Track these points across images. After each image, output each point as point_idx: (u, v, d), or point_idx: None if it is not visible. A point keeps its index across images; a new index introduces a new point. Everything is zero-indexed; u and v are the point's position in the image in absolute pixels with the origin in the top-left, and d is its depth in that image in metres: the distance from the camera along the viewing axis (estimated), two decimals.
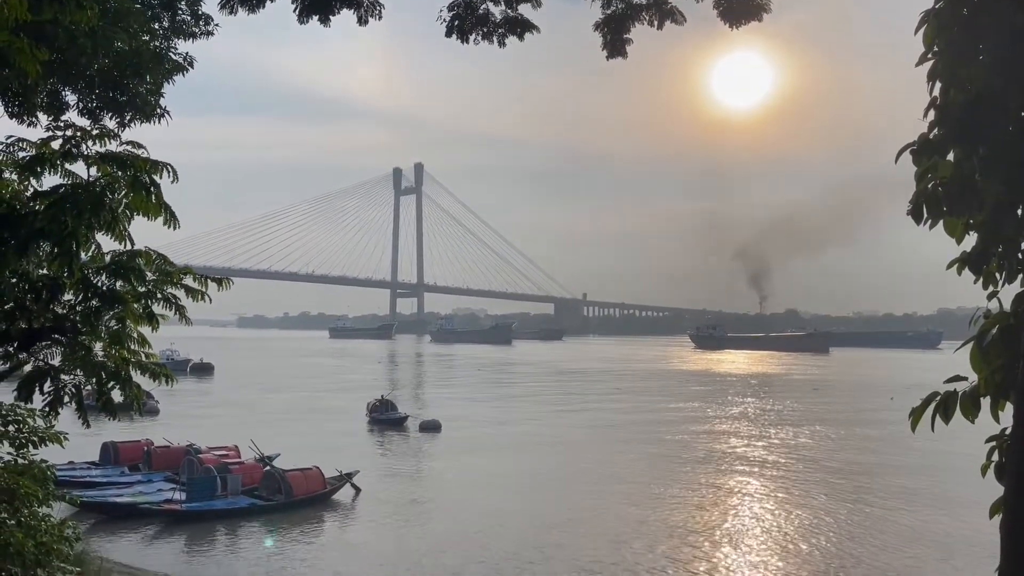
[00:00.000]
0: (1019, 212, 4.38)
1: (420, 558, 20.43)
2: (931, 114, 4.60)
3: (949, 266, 4.72)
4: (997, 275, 4.60)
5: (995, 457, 4.59)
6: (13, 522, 8.08)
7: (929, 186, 4.62)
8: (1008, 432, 4.26)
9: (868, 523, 24.25)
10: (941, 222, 4.70)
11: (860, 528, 23.65)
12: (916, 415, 4.63)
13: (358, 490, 27.64)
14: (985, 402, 4.53)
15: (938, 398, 4.56)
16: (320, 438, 39.56)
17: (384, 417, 47.16)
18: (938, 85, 4.55)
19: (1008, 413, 4.27)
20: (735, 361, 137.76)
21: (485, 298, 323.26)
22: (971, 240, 4.67)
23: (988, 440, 4.63)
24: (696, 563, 20.34)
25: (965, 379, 4.55)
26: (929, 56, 4.58)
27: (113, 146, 6.39)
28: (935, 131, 4.61)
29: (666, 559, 20.55)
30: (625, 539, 22.22)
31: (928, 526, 24.07)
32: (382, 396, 50.39)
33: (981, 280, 4.64)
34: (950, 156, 4.60)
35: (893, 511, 25.84)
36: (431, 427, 44.35)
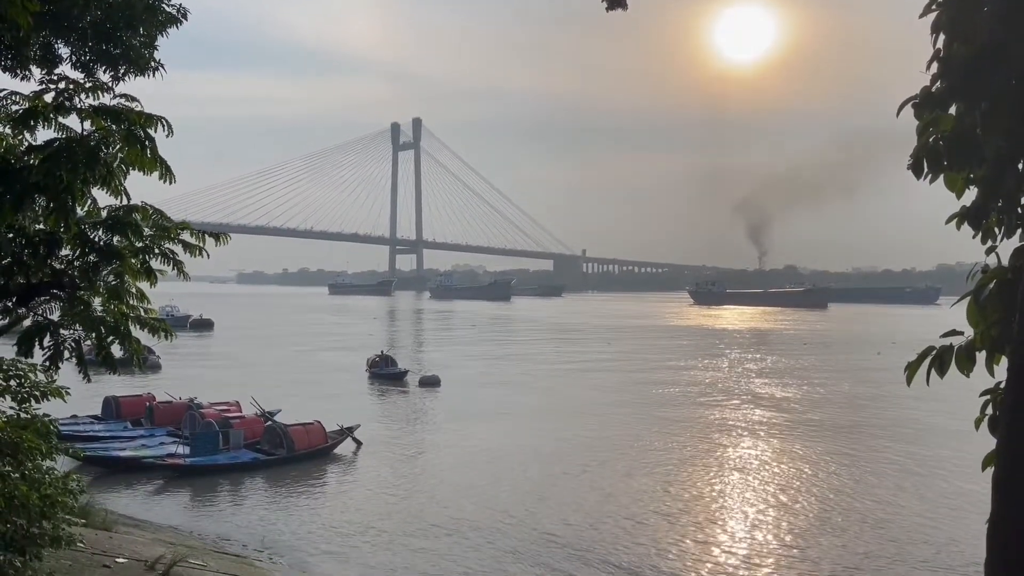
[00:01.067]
0: (1020, 167, 4.36)
1: (421, 509, 20.72)
2: (934, 67, 4.56)
3: (948, 221, 4.71)
4: (996, 230, 4.60)
5: (989, 411, 4.64)
6: (17, 475, 8.16)
7: (930, 140, 4.59)
8: (1002, 386, 4.29)
9: (846, 473, 24.59)
10: (941, 177, 4.69)
11: (840, 479, 23.98)
12: (912, 369, 4.66)
13: (359, 444, 27.95)
14: (981, 357, 4.57)
15: (934, 352, 4.59)
16: (320, 393, 39.86)
17: (384, 372, 47.47)
18: (942, 38, 4.50)
19: (1003, 368, 4.30)
20: (732, 317, 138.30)
21: (484, 255, 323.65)
22: (971, 195, 4.66)
23: (982, 394, 4.68)
24: (681, 515, 20.65)
25: (961, 334, 4.57)
26: (933, 8, 4.52)
27: (107, 99, 6.33)
28: (938, 84, 4.56)
29: (655, 513, 20.85)
30: (615, 492, 22.51)
31: (906, 480, 24.36)
32: (382, 351, 50.66)
33: (980, 235, 4.63)
34: (952, 110, 4.57)
35: (869, 464, 26.13)
36: (431, 382, 44.67)
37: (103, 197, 6.70)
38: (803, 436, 30.98)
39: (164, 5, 8.84)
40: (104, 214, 6.76)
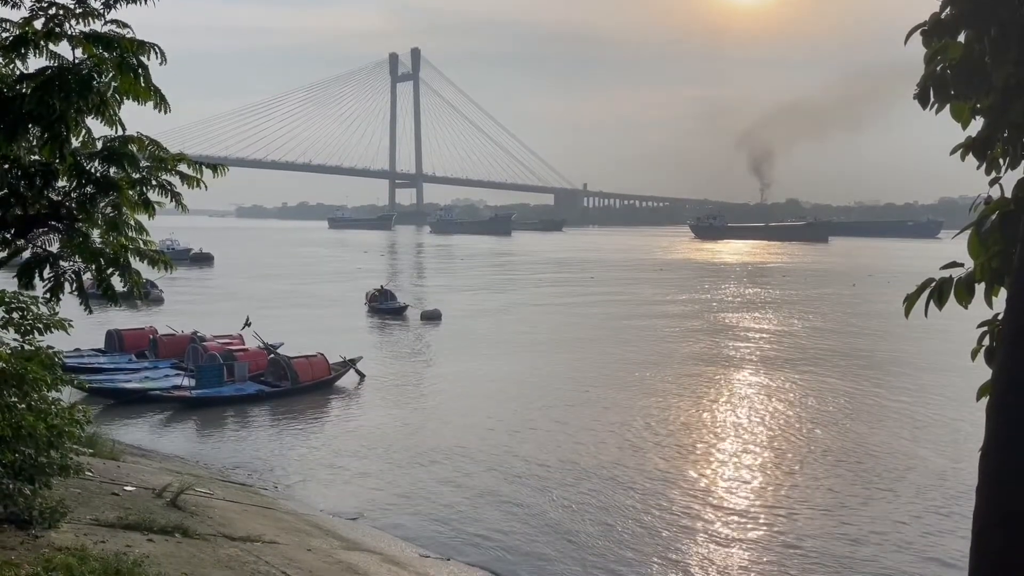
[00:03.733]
0: None
1: (423, 439, 21.06)
2: None
3: (953, 151, 4.65)
4: (1001, 161, 4.54)
5: (986, 342, 4.67)
6: (23, 406, 8.28)
7: (938, 68, 4.50)
8: (1000, 317, 4.30)
9: (803, 393, 24.96)
10: (948, 107, 4.61)
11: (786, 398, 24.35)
12: (910, 300, 4.66)
13: (362, 376, 28.26)
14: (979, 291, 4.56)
15: (933, 284, 4.59)
16: (321, 327, 40.12)
17: (384, 307, 47.65)
18: None
19: (1002, 299, 4.31)
20: (731, 252, 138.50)
21: (485, 189, 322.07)
22: (977, 126, 4.59)
23: (980, 325, 4.69)
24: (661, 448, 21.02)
25: (961, 265, 4.56)
26: None
27: (97, 26, 6.19)
28: (947, 11, 4.45)
29: (633, 443, 21.20)
30: (610, 421, 22.86)
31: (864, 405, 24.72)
32: (381, 286, 50.76)
33: (984, 167, 4.58)
34: (961, 38, 4.47)
35: (827, 384, 26.52)
36: (432, 316, 44.94)
37: (98, 128, 6.62)
38: (767, 367, 31.42)
39: None
40: (99, 145, 6.68)
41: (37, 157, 6.57)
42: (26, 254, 7.01)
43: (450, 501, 16.77)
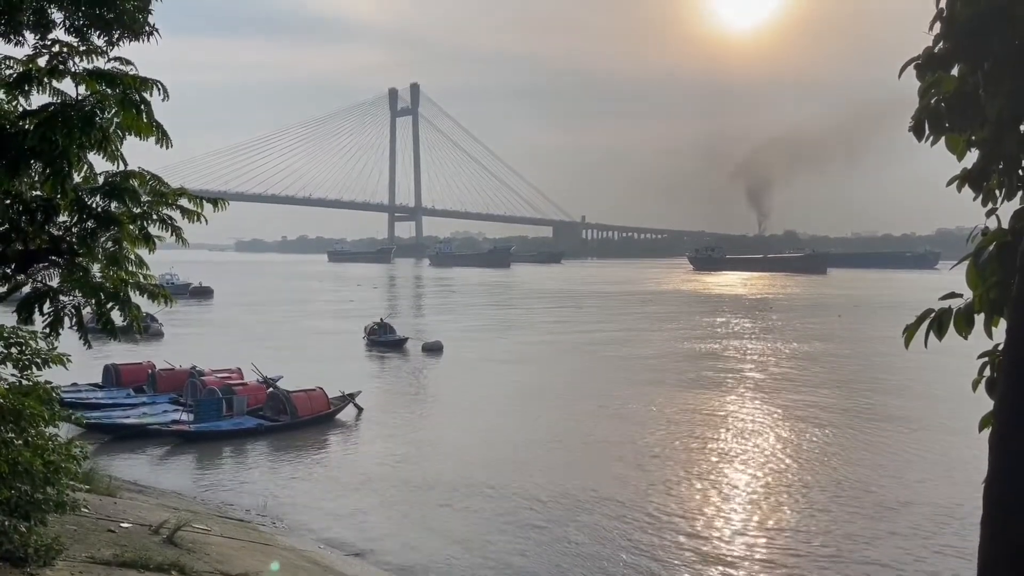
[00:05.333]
0: (1021, 128, 4.32)
1: (421, 474, 20.88)
2: (937, 27, 4.50)
3: (949, 183, 4.68)
4: (997, 192, 4.56)
5: (987, 373, 4.65)
6: (20, 442, 8.21)
7: (932, 101, 4.54)
8: (1000, 348, 4.30)
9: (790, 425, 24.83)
10: (943, 139, 4.65)
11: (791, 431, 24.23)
12: (910, 332, 4.65)
13: (360, 410, 28.11)
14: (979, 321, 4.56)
15: (932, 315, 4.59)
16: (320, 360, 40.00)
17: (383, 340, 47.55)
18: None
19: (1001, 330, 4.31)
20: (731, 283, 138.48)
21: (484, 221, 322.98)
22: (972, 158, 4.62)
23: (980, 356, 4.68)
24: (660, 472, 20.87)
25: (960, 296, 4.57)
26: None
27: (101, 63, 6.26)
28: (940, 45, 4.51)
29: (658, 484, 21.05)
30: (615, 455, 22.70)
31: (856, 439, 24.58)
32: (380, 319, 50.69)
33: (980, 198, 4.61)
34: (955, 71, 4.52)
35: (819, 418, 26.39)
36: (433, 348, 44.86)
37: (100, 163, 6.66)
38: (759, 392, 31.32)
39: None
40: (101, 180, 6.72)
41: (39, 192, 6.60)
42: (26, 289, 7.01)
43: (452, 538, 16.59)
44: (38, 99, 6.40)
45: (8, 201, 6.52)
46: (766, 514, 18.25)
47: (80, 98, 6.24)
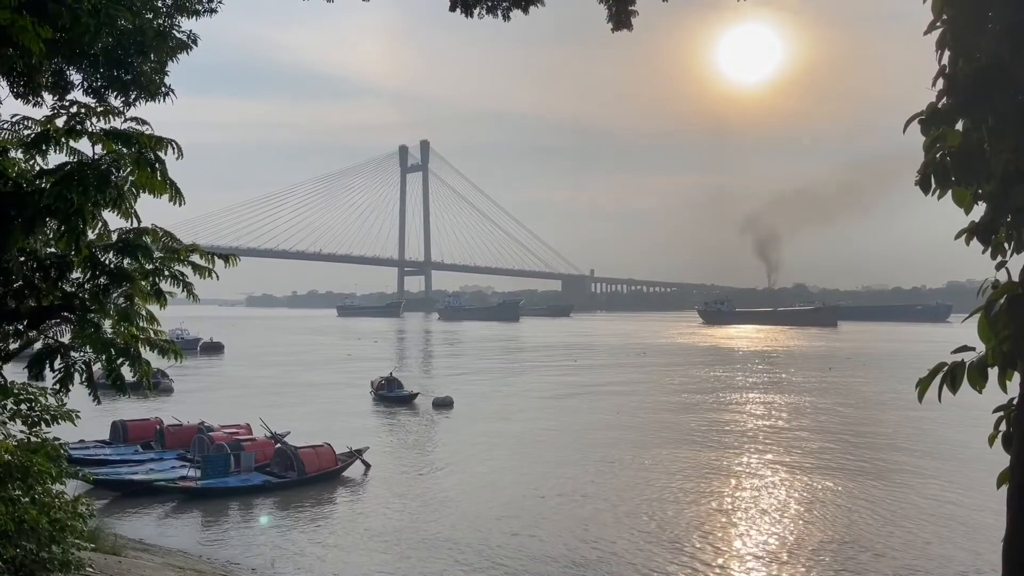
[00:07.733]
0: None
1: (429, 533, 20.58)
2: (939, 83, 4.56)
3: (957, 236, 4.68)
4: (1006, 245, 4.56)
5: (1003, 427, 4.60)
6: (27, 499, 8.16)
7: (937, 156, 4.58)
8: (1015, 402, 4.25)
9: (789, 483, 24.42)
10: (949, 193, 4.67)
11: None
12: (923, 385, 4.62)
13: (368, 466, 27.83)
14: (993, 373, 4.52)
15: (945, 368, 4.55)
16: (329, 415, 39.78)
17: (391, 395, 47.20)
18: (947, 54, 4.50)
19: (1016, 384, 4.26)
20: (741, 336, 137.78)
21: (492, 275, 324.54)
22: (980, 211, 4.64)
23: (996, 410, 4.63)
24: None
25: (973, 349, 4.53)
26: (938, 25, 4.52)
27: (118, 123, 6.40)
28: (943, 100, 4.56)
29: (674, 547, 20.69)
30: (630, 513, 22.37)
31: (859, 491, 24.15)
32: (390, 373, 50.50)
33: (990, 251, 4.61)
34: (959, 126, 4.56)
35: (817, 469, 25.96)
36: (444, 403, 44.48)
37: (113, 220, 6.75)
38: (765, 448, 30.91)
39: (174, 32, 8.95)
40: (114, 237, 6.80)
41: (53, 249, 6.68)
42: (37, 345, 7.04)
43: None
44: (55, 158, 6.53)
45: (23, 259, 6.60)
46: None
47: (96, 157, 6.35)
